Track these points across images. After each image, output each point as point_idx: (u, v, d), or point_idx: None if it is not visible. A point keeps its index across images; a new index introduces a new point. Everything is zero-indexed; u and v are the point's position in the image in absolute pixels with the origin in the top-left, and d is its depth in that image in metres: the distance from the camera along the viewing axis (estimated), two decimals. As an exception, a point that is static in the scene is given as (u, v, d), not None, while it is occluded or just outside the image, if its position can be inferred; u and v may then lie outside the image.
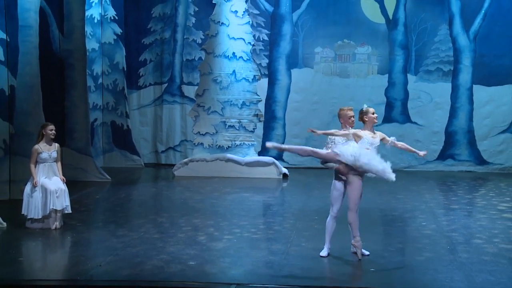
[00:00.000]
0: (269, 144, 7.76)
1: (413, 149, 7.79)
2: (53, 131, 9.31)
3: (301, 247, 8.33)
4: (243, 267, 7.51)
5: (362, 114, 7.66)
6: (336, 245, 8.35)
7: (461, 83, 16.12)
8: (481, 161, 16.06)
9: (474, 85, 16.07)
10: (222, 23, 14.82)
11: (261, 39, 16.51)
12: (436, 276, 7.09)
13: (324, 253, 7.76)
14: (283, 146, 7.99)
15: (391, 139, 7.59)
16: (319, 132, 7.71)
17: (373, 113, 7.62)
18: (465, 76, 16.09)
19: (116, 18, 16.44)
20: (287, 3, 16.48)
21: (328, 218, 7.84)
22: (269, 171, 14.57)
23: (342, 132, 7.68)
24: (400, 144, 7.69)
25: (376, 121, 7.67)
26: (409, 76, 16.31)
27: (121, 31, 16.51)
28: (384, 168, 7.38)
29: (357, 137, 7.53)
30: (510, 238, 8.93)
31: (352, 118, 7.84)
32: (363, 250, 7.73)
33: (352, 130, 7.62)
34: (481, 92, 16.05)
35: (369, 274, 7.25)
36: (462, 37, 16.07)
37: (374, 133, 7.60)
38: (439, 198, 12.56)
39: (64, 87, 13.81)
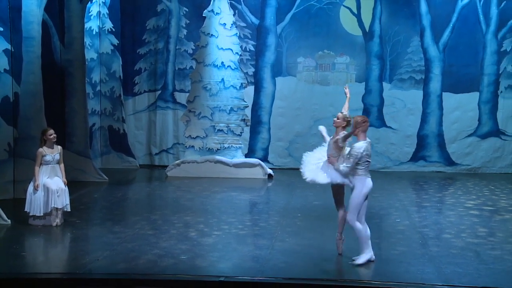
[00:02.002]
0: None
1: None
2: (53, 135, 9.26)
3: (285, 242, 8.33)
4: (231, 261, 7.49)
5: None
6: (317, 240, 8.37)
7: (431, 91, 16.20)
8: (450, 162, 16.14)
9: (443, 93, 16.15)
10: (212, 34, 14.80)
11: (248, 50, 16.50)
12: (409, 268, 7.12)
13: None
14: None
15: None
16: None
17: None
18: (435, 84, 16.18)
19: (113, 30, 16.35)
20: (272, 16, 16.49)
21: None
22: (255, 172, 14.55)
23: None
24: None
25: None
26: (384, 84, 16.36)
27: (118, 42, 16.42)
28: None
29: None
30: (476, 233, 8.98)
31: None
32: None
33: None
34: (449, 99, 16.14)
35: (348, 266, 7.25)
36: (432, 48, 16.17)
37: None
38: (411, 196, 12.60)
39: (65, 94, 13.72)
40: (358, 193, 7.15)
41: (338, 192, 7.61)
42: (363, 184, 7.14)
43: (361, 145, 7.12)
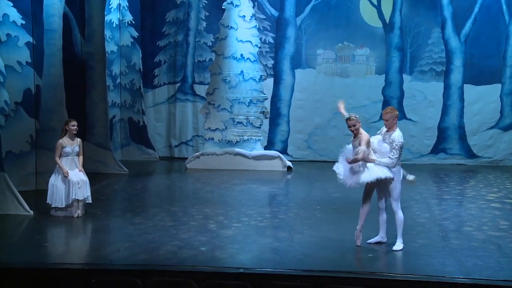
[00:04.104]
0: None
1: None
2: (75, 127, 9.33)
3: (304, 234, 8.32)
4: (250, 253, 7.51)
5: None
6: (336, 232, 8.35)
7: (452, 83, 16.02)
8: (471, 155, 15.97)
9: (464, 84, 15.96)
10: (231, 27, 14.78)
11: (267, 42, 16.46)
12: (429, 261, 7.07)
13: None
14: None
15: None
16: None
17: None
18: (456, 76, 16.00)
19: (133, 22, 16.41)
20: (291, 8, 16.41)
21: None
22: (275, 164, 14.55)
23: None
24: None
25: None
26: (404, 76, 16.23)
27: (138, 35, 16.49)
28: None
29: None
30: (497, 225, 8.89)
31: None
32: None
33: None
34: (471, 91, 15.95)
35: (368, 259, 7.24)
36: (453, 40, 15.98)
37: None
38: (432, 189, 12.50)
39: (85, 87, 13.82)
40: (397, 182, 7.45)
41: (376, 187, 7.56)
42: (399, 172, 7.48)
43: (400, 134, 7.48)
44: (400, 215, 7.58)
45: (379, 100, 16.10)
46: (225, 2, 14.93)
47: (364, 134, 7.40)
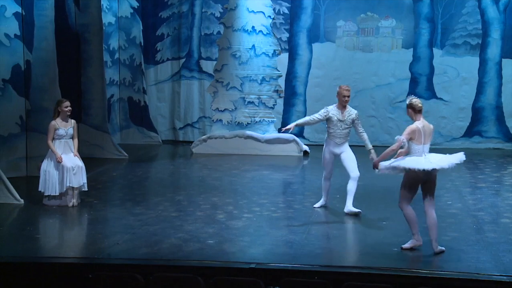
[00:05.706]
0: None
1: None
2: (69, 108, 9.35)
3: (322, 226, 8.32)
4: (262, 246, 7.52)
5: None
6: (358, 224, 8.34)
7: (489, 57, 15.87)
8: (510, 138, 15.85)
9: (503, 59, 15.81)
10: (241, -4, 14.73)
11: (282, 13, 16.37)
12: (462, 256, 7.05)
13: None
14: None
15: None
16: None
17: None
18: (494, 49, 15.84)
19: (133, -9, 16.41)
20: (308, -25, 16.30)
21: None
22: (290, 148, 14.54)
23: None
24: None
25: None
26: (435, 50, 16.10)
27: (138, 5, 16.46)
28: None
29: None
30: (539, 217, 8.84)
31: (346, 98, 8.73)
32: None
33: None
34: (510, 66, 15.80)
35: (392, 254, 7.21)
36: (491, 9, 15.79)
37: None
38: (465, 176, 12.43)
39: (80, 62, 13.85)
40: None
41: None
42: None
43: None
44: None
45: (406, 77, 15.99)
46: (234, -32, 14.85)
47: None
